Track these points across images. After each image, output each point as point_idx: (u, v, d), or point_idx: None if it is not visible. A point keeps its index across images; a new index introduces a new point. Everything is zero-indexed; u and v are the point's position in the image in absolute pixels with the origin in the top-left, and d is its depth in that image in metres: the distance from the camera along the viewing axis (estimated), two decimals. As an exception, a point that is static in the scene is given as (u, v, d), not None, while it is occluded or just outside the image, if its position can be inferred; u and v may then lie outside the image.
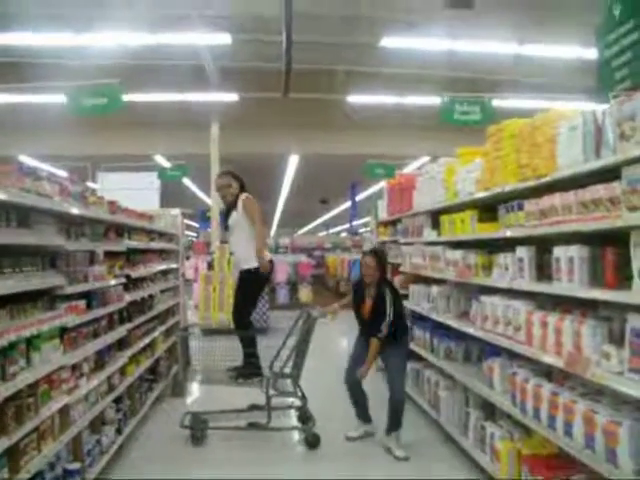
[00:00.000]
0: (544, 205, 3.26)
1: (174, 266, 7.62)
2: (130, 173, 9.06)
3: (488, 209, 4.43)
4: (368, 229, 10.32)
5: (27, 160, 12.60)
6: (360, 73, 12.49)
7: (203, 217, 20.37)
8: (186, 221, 12.52)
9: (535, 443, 3.68)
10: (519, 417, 3.56)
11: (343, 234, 34.65)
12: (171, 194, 14.79)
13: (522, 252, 3.62)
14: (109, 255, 4.71)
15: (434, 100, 12.28)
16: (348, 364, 5.11)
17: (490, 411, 4.55)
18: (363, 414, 5.14)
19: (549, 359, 3.20)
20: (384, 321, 4.73)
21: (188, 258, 13.51)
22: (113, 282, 4.66)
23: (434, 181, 5.36)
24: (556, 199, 3.11)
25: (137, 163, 10.94)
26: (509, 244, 4.01)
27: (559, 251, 3.14)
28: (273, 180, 19.68)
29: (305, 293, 16.67)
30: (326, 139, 14.41)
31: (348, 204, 22.58)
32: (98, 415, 4.20)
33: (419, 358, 6.01)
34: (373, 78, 12.32)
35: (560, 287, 3.12)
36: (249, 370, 5.15)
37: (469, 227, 4.45)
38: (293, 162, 16.46)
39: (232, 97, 12.29)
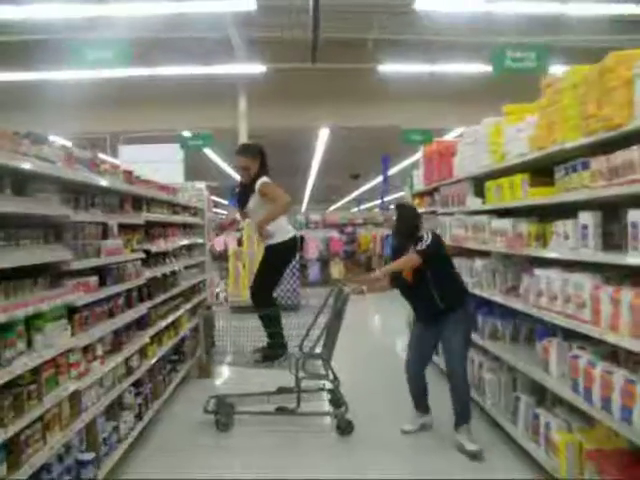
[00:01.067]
0: (616, 162, 2.78)
1: (200, 241, 7.30)
2: (152, 145, 8.71)
3: (540, 172, 3.95)
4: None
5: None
6: (392, 41, 11.87)
7: (232, 193, 20.00)
8: (214, 198, 12.19)
9: (599, 435, 3.25)
10: (584, 408, 3.11)
11: (375, 210, 34.08)
12: (198, 169, 14.47)
13: (586, 218, 3.14)
14: (126, 228, 4.37)
15: (470, 68, 11.70)
16: (407, 355, 4.63)
17: (541, 395, 4.13)
18: (422, 404, 4.63)
19: (622, 341, 2.74)
20: (423, 240, 4.15)
21: (218, 234, 13.23)
22: (130, 257, 4.33)
23: (478, 144, 4.87)
24: (634, 153, 2.62)
25: (159, 133, 10.62)
26: (566, 210, 3.55)
27: (636, 215, 2.67)
28: (303, 155, 19.21)
29: (337, 269, 16.36)
30: (357, 111, 13.83)
31: (379, 179, 22.02)
32: (115, 400, 3.90)
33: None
34: (406, 46, 11.71)
35: (637, 257, 2.65)
36: (275, 351, 4.80)
37: (520, 193, 3.97)
38: (323, 136, 15.94)
39: (259, 69, 11.81)
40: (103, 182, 3.76)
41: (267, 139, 15.33)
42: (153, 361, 4.79)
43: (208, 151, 15.68)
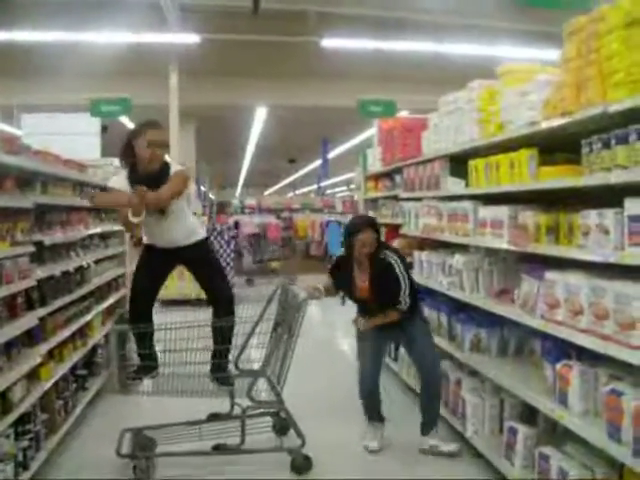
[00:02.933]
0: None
1: (118, 228, 6.15)
2: (63, 115, 7.39)
3: (550, 148, 3.13)
4: (352, 186, 8.93)
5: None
6: (336, 15, 10.88)
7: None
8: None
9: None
10: (635, 466, 2.29)
11: (311, 195, 33.23)
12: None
13: (638, 206, 2.31)
14: (5, 215, 3.26)
15: (421, 46, 10.86)
16: (362, 365, 3.96)
17: (531, 419, 3.39)
18: (378, 414, 4.02)
19: None
20: (401, 291, 3.67)
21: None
22: (10, 253, 3.23)
23: (461, 114, 3.99)
24: None
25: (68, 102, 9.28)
26: (588, 196, 2.76)
27: None
28: (239, 136, 18.09)
29: (274, 257, 15.42)
30: (297, 89, 12.88)
31: (317, 163, 21.13)
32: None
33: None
34: (352, 21, 10.75)
35: None
36: (226, 373, 3.79)
37: (526, 173, 3.10)
38: (260, 116, 14.85)
39: (193, 38, 10.55)
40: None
41: (200, 118, 14.20)
42: (49, 385, 3.71)
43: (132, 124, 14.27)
